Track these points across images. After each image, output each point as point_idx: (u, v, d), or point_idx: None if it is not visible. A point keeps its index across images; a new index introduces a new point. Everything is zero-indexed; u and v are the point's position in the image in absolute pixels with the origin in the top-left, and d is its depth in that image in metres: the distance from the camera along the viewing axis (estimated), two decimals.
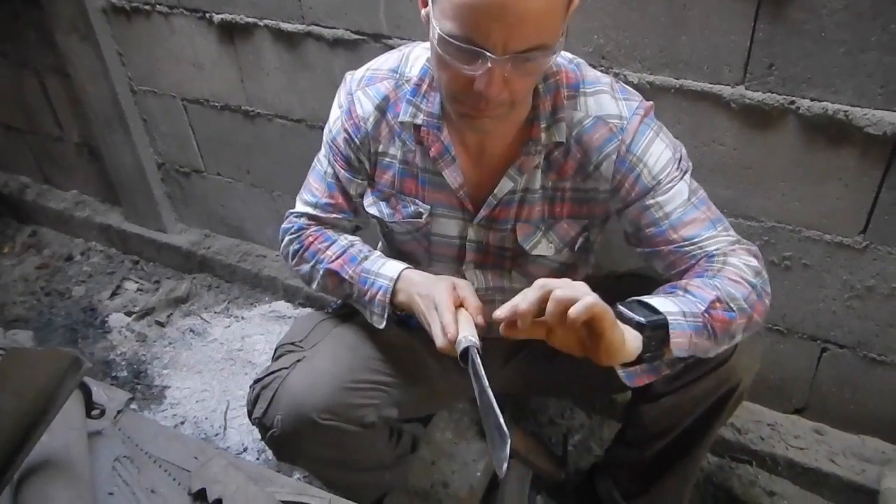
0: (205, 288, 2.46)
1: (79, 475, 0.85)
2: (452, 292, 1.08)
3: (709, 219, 1.12)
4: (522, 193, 1.17)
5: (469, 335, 1.01)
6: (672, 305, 0.97)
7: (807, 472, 1.62)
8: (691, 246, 1.10)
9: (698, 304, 0.98)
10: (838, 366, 1.59)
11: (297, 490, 0.96)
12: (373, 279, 1.20)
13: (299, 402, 1.17)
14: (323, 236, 1.30)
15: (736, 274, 1.04)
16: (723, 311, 1.00)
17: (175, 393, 2.06)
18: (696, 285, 1.02)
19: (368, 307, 1.21)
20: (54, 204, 2.76)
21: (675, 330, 0.94)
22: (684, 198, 1.11)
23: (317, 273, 1.27)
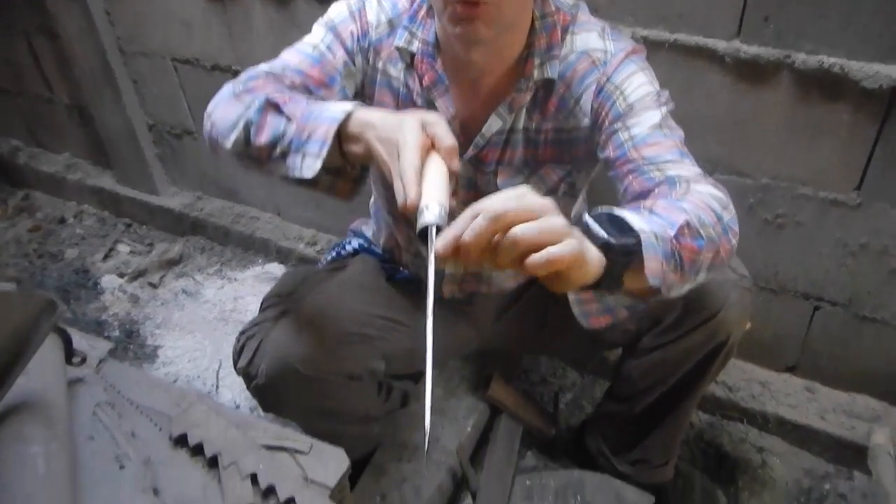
0: (198, 250, 2.45)
1: (56, 417, 0.84)
2: (421, 133, 0.85)
3: (677, 148, 1.04)
4: (508, 134, 1.15)
5: (436, 201, 0.79)
6: (643, 223, 0.82)
7: (797, 428, 1.63)
8: (651, 166, 1.02)
9: (667, 228, 0.84)
10: (830, 324, 1.58)
11: (278, 435, 0.95)
12: (319, 112, 0.92)
13: (283, 352, 1.16)
14: (275, 80, 1.07)
15: (702, 201, 0.93)
16: (691, 238, 0.86)
17: (168, 352, 2.06)
18: (662, 206, 0.90)
19: (302, 149, 0.91)
20: (46, 167, 2.74)
21: (649, 253, 0.80)
22: (654, 122, 1.04)
23: (249, 111, 0.98)
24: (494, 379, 1.68)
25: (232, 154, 1.02)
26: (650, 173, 1.02)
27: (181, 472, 0.90)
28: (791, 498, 1.56)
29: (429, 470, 1.52)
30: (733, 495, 1.58)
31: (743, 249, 1.45)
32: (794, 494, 1.57)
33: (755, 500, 1.57)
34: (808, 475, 1.60)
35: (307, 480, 0.90)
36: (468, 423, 1.63)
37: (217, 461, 0.90)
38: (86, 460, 0.87)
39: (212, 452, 0.91)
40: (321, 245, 2.24)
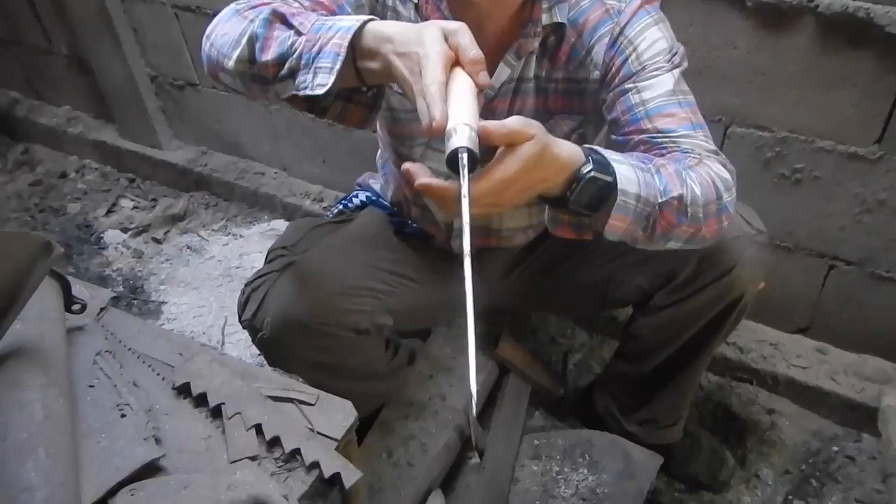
0: (202, 206, 2.43)
1: (54, 364, 0.82)
2: (444, 45, 0.78)
3: (690, 120, 1.02)
4: (517, 83, 1.11)
5: (464, 122, 0.74)
6: (633, 183, 0.86)
7: (807, 390, 1.61)
8: (664, 138, 1.01)
9: (659, 194, 0.88)
10: (844, 283, 1.55)
11: (283, 386, 0.93)
12: (332, 24, 0.85)
13: (289, 304, 1.14)
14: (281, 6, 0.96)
15: (709, 177, 0.95)
16: (676, 213, 0.90)
17: (172, 308, 2.05)
18: (668, 172, 0.91)
19: (314, 64, 0.84)
20: (46, 120, 2.70)
21: (618, 213, 0.86)
22: (667, 89, 1.02)
23: (254, 24, 0.91)
24: (503, 338, 1.67)
25: (235, 74, 0.95)
26: (664, 144, 1.01)
27: (184, 422, 0.88)
28: (799, 460, 1.55)
29: (436, 428, 1.51)
30: (741, 457, 1.58)
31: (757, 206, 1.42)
32: (803, 456, 1.56)
33: (763, 461, 1.56)
34: (817, 437, 1.59)
35: (313, 432, 0.88)
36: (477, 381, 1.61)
37: (221, 411, 0.89)
38: (86, 408, 0.85)
39: (215, 402, 0.89)
40: (328, 201, 2.21)
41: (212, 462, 0.83)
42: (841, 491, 1.48)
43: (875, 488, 1.48)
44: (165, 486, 0.77)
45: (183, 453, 0.84)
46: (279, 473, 0.84)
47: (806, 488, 1.50)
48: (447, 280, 1.41)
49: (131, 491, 0.75)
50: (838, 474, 1.51)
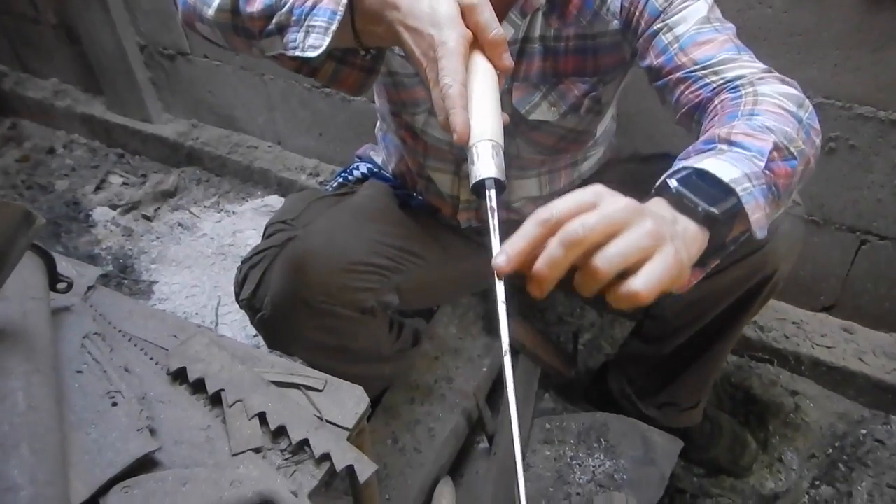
0: (193, 181, 2.34)
1: (39, 348, 0.74)
2: (461, 28, 0.69)
3: (731, 42, 0.90)
4: (522, 44, 1.02)
5: (489, 139, 0.67)
6: (733, 169, 0.68)
7: (832, 371, 1.55)
8: (705, 70, 0.88)
9: (756, 159, 0.71)
10: (877, 259, 1.49)
11: (288, 370, 0.86)
12: None
13: (291, 282, 1.07)
14: None
15: (775, 105, 0.80)
16: (783, 160, 0.74)
17: (164, 288, 1.97)
18: (741, 132, 0.75)
19: (306, 21, 0.76)
20: (33, 93, 2.61)
21: (750, 205, 0.67)
22: (701, 15, 0.91)
23: None
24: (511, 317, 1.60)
25: (214, 25, 0.86)
26: (706, 79, 0.88)
27: (180, 411, 0.80)
28: (825, 443, 1.50)
29: (443, 412, 1.45)
30: (763, 440, 1.52)
31: None
32: (829, 440, 1.51)
33: (787, 445, 1.51)
34: (843, 420, 1.54)
35: (322, 421, 0.81)
36: (484, 364, 1.56)
37: (220, 398, 0.81)
38: (74, 397, 0.78)
39: (214, 389, 0.81)
40: (324, 176, 2.13)
41: (212, 455, 0.76)
42: (871, 476, 1.43)
43: None
44: (163, 483, 0.69)
45: (181, 445, 0.76)
46: (286, 467, 0.77)
47: (833, 473, 1.44)
48: (455, 256, 1.34)
49: (125, 488, 0.68)
50: (867, 458, 1.45)
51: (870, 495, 1.40)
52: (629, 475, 1.34)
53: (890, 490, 1.40)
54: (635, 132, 1.45)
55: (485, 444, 1.46)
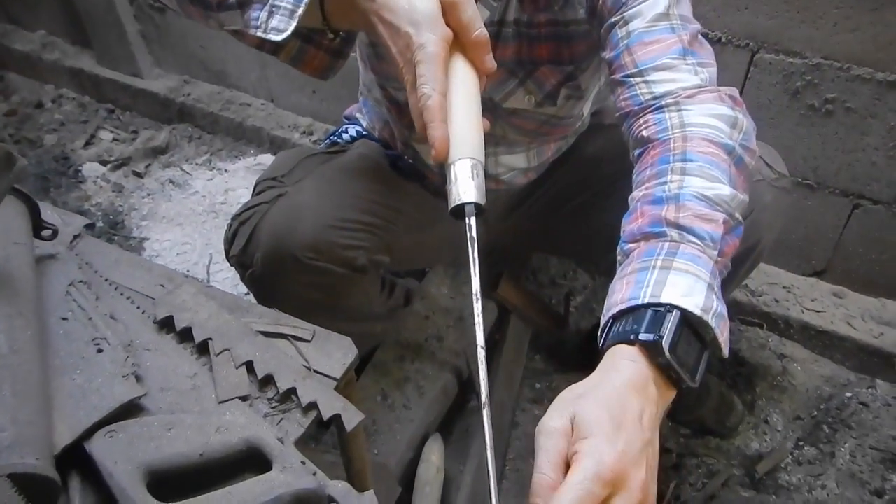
0: (185, 138, 2.31)
1: (21, 292, 0.73)
2: (442, 28, 0.66)
3: (680, 44, 0.86)
4: (497, 27, 1.00)
5: (468, 156, 0.65)
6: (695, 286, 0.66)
7: (821, 335, 1.57)
8: (638, 78, 0.86)
9: (709, 249, 0.70)
10: (869, 224, 1.49)
11: (276, 321, 0.85)
12: None
13: (281, 238, 1.06)
14: None
15: (705, 142, 0.78)
16: (730, 234, 0.74)
17: (154, 245, 1.96)
18: (690, 213, 0.72)
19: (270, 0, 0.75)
20: (20, 45, 2.55)
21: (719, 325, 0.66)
22: (657, 12, 0.86)
23: None
24: (503, 279, 1.61)
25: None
26: (637, 88, 0.86)
27: (167, 359, 0.80)
28: (810, 406, 1.52)
29: (433, 370, 1.46)
30: (750, 402, 1.54)
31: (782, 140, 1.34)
32: (814, 402, 1.53)
33: (773, 407, 1.53)
34: (829, 383, 1.56)
35: (310, 370, 0.80)
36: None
37: (207, 347, 0.81)
38: (58, 343, 0.77)
39: (201, 338, 0.81)
40: (318, 135, 2.11)
41: (199, 402, 0.76)
42: (854, 437, 1.45)
43: (891, 434, 1.45)
44: (148, 428, 0.68)
45: (167, 392, 0.76)
46: (273, 415, 0.77)
47: (817, 434, 1.47)
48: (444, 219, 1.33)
49: (109, 433, 0.67)
50: (851, 421, 1.48)
51: (852, 456, 1.42)
52: None
53: (872, 451, 1.42)
54: None
55: (474, 402, 1.48)
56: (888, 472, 1.39)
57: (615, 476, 0.54)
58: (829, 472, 1.40)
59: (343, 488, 0.68)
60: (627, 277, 0.70)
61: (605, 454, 0.54)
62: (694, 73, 0.85)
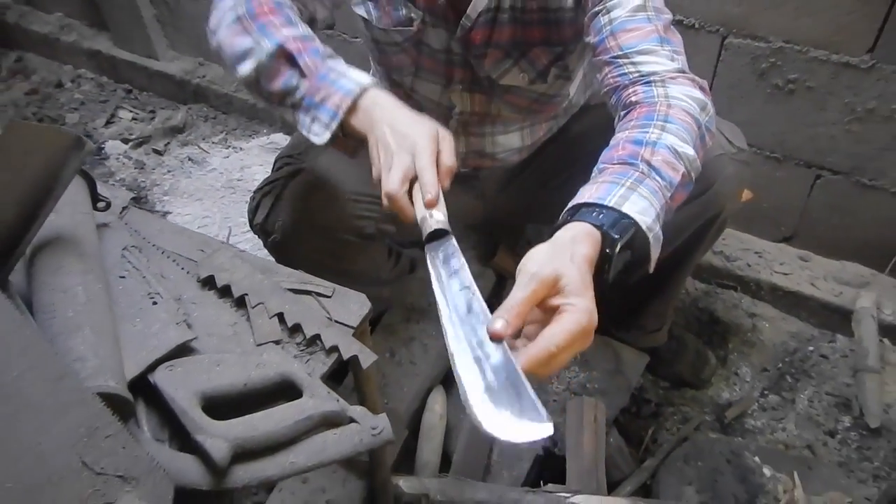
0: (201, 118, 2.43)
1: (90, 253, 0.87)
2: (434, 141, 0.88)
3: (657, 34, 1.00)
4: (495, 13, 1.11)
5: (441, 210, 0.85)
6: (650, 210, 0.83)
7: (787, 295, 1.70)
8: (625, 59, 1.00)
9: (666, 190, 0.86)
10: (831, 192, 1.62)
11: (301, 280, 0.99)
12: (336, 78, 0.94)
13: (298, 210, 1.18)
14: (280, 14, 1.00)
15: (684, 112, 0.94)
16: (683, 188, 0.90)
17: (176, 219, 2.09)
18: (661, 158, 0.88)
19: (314, 112, 0.94)
20: (38, 27, 2.65)
21: (655, 248, 0.84)
22: (635, 4, 1.01)
23: (259, 50, 0.97)
24: (500, 249, 1.72)
25: (240, 81, 1.03)
26: (624, 68, 1.00)
27: (211, 311, 0.94)
28: (777, 359, 1.65)
29: (436, 330, 1.58)
30: (723, 357, 1.67)
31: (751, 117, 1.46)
32: (780, 355, 1.66)
33: (743, 360, 1.66)
34: (795, 338, 1.69)
35: (331, 320, 0.94)
36: None
37: (244, 301, 0.94)
38: (119, 296, 0.91)
39: (239, 293, 0.95)
40: None
41: (239, 345, 0.90)
42: (814, 385, 1.59)
43: (845, 382, 1.58)
44: (199, 363, 0.83)
45: (212, 337, 0.90)
46: (301, 356, 0.91)
47: (781, 384, 1.61)
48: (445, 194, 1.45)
49: (168, 367, 0.82)
50: (812, 371, 1.62)
51: (810, 401, 1.56)
52: (600, 384, 1.49)
53: (828, 397, 1.56)
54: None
55: None
56: (841, 415, 1.53)
57: (593, 327, 0.69)
58: (790, 415, 1.54)
59: (361, 411, 0.83)
60: (599, 185, 0.86)
61: (592, 312, 0.69)
62: (671, 59, 1.00)
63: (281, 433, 0.76)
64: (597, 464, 1.32)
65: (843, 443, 1.49)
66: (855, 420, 1.52)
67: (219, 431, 0.74)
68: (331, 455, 0.77)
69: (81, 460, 0.61)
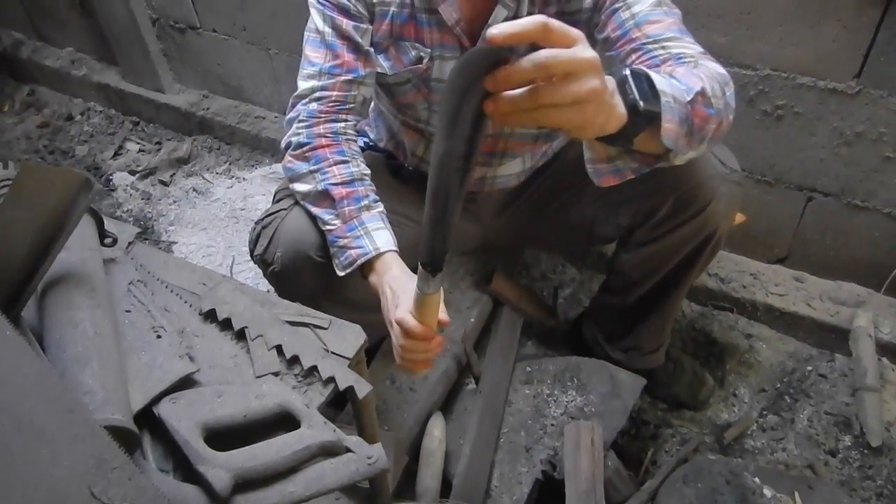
0: (206, 149, 2.48)
1: (98, 288, 0.91)
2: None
3: (677, 26, 1.08)
4: None
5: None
6: (665, 85, 0.84)
7: (784, 315, 1.71)
8: (654, 44, 1.06)
9: (685, 92, 0.87)
10: (822, 214, 1.64)
11: (299, 312, 1.03)
12: (360, 234, 1.17)
13: (297, 240, 1.22)
14: (336, 147, 1.21)
15: (710, 73, 0.97)
16: (704, 105, 0.90)
17: (182, 248, 2.13)
18: (680, 73, 0.93)
19: (339, 254, 1.19)
20: (50, 62, 2.72)
21: (667, 115, 0.83)
22: (653, 1, 1.08)
23: (312, 182, 1.20)
24: (497, 273, 1.74)
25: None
26: (654, 51, 1.05)
27: (213, 343, 0.97)
28: (775, 379, 1.66)
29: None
30: (720, 378, 1.69)
31: (741, 142, 1.49)
32: (778, 375, 1.67)
33: (741, 381, 1.68)
34: (792, 358, 1.70)
35: (328, 352, 0.98)
36: (472, 314, 1.70)
37: (244, 334, 0.98)
38: (125, 330, 0.95)
39: (239, 326, 0.98)
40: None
41: (240, 377, 0.93)
42: (812, 405, 1.60)
43: (844, 401, 1.59)
44: (202, 395, 0.86)
45: (214, 369, 0.94)
46: (300, 387, 0.94)
47: (780, 403, 1.61)
48: None
49: (173, 399, 0.85)
50: (811, 390, 1.62)
51: (809, 421, 1.57)
52: (597, 408, 1.50)
53: (827, 416, 1.57)
54: None
55: (472, 384, 1.61)
56: (841, 434, 1.54)
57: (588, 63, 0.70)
58: (789, 435, 1.55)
59: (357, 441, 0.86)
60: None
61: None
62: (695, 44, 1.07)
63: (280, 463, 0.79)
64: (595, 487, 1.33)
65: (845, 462, 1.50)
66: (856, 439, 1.52)
67: (220, 462, 0.77)
68: (329, 484, 0.80)
69: (90, 490, 0.64)
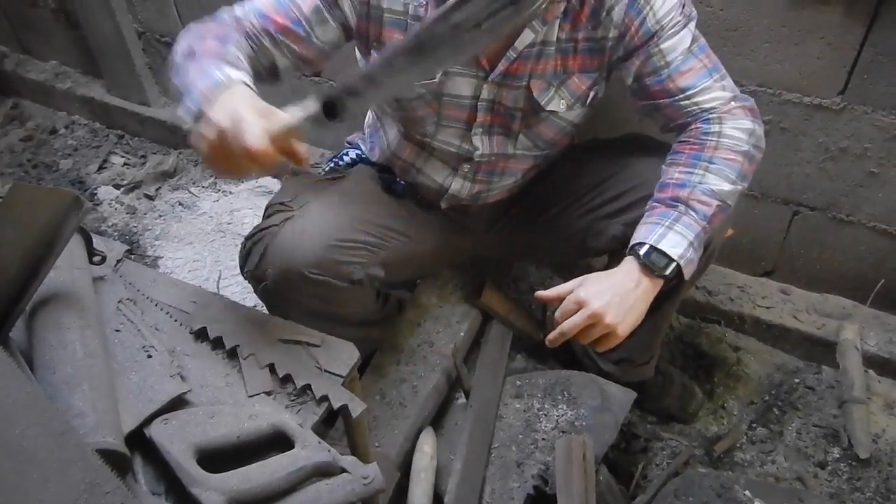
0: (191, 163, 2.46)
1: (87, 308, 0.90)
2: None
3: (705, 67, 1.16)
4: (540, 46, 1.17)
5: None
6: (682, 242, 1.10)
7: (771, 328, 1.73)
8: (687, 101, 1.16)
9: (701, 220, 1.11)
10: (808, 228, 1.66)
11: (292, 330, 1.02)
12: (213, 73, 1.07)
13: (288, 256, 1.21)
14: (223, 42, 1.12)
15: (730, 149, 1.13)
16: (721, 212, 1.13)
17: (168, 263, 2.11)
18: (696, 199, 1.12)
19: (186, 98, 1.08)
20: (34, 75, 2.69)
21: (686, 268, 1.11)
22: (685, 46, 1.14)
23: (186, 47, 1.11)
24: (486, 287, 1.74)
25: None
26: (687, 108, 1.17)
27: (204, 363, 0.97)
28: (763, 391, 1.68)
29: (425, 371, 1.59)
30: (709, 391, 1.70)
31: None
32: (766, 388, 1.68)
33: (729, 394, 1.69)
34: (780, 370, 1.72)
35: (321, 370, 0.97)
36: (462, 328, 1.69)
37: (236, 353, 0.97)
38: (115, 349, 0.94)
39: (231, 345, 0.98)
40: (314, 160, 2.25)
41: (232, 396, 0.92)
42: (801, 417, 1.61)
43: (832, 413, 1.61)
44: (194, 416, 0.85)
45: (206, 388, 0.93)
46: (293, 406, 0.93)
47: (768, 416, 1.63)
48: (434, 232, 1.49)
49: (164, 420, 0.84)
50: (798, 403, 1.64)
51: (798, 433, 1.58)
52: (588, 422, 1.50)
53: (815, 428, 1.58)
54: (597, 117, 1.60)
55: (462, 399, 1.60)
56: (829, 446, 1.55)
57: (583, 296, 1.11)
58: (779, 448, 1.56)
59: (352, 461, 0.85)
60: (647, 224, 1.13)
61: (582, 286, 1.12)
62: (722, 88, 1.16)
63: (275, 484, 0.79)
64: (588, 502, 1.33)
65: (834, 474, 1.51)
66: (844, 451, 1.54)
67: (214, 484, 0.76)
68: None
69: None
